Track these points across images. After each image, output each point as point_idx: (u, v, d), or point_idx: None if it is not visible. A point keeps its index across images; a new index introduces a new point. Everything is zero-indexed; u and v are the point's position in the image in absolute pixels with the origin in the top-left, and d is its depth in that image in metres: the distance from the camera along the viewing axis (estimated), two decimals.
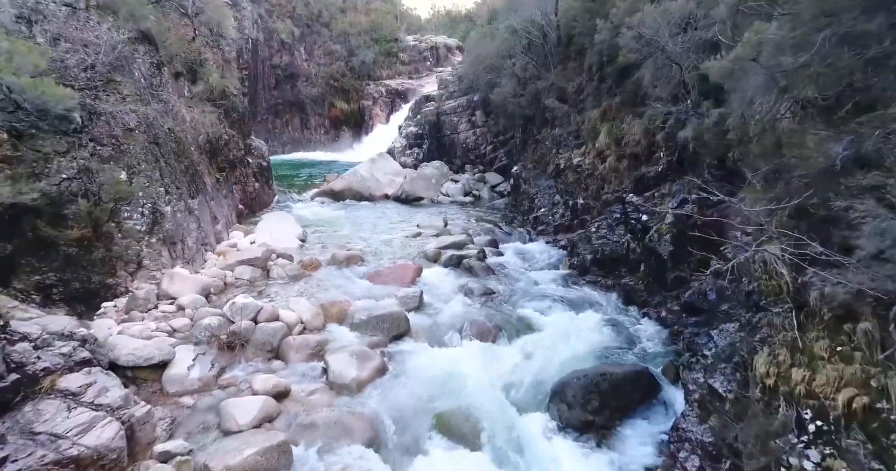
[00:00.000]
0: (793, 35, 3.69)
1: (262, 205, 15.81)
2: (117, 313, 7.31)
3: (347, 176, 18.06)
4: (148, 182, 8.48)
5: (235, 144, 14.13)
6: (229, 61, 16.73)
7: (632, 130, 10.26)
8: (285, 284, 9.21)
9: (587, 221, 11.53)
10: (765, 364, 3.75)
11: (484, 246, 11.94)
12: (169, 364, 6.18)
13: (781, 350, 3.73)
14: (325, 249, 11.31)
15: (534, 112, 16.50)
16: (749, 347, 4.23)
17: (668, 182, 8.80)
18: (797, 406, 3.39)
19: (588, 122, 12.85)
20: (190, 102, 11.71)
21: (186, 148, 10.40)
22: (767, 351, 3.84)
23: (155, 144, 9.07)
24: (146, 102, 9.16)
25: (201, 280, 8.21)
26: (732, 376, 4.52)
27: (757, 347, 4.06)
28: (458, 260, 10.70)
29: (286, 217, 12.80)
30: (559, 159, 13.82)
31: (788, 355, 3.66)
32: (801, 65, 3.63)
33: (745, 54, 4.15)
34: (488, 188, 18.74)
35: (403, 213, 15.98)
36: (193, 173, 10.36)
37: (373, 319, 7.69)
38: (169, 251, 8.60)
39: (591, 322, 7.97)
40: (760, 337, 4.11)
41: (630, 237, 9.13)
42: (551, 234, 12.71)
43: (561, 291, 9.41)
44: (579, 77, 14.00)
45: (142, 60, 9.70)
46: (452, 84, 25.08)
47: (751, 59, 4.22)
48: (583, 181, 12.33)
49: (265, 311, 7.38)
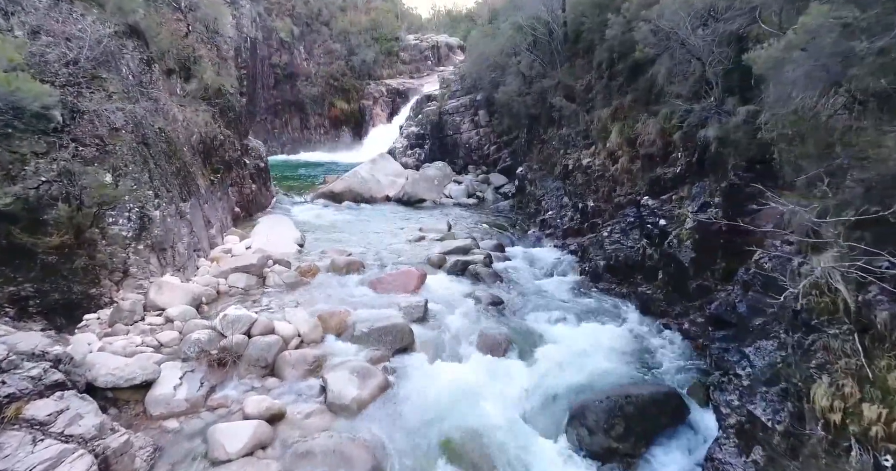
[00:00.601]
0: (864, 16, 3.20)
1: (259, 207, 15.31)
2: (100, 326, 6.81)
3: (347, 177, 17.57)
4: (135, 185, 7.98)
5: (231, 145, 13.63)
6: (226, 59, 16.23)
7: (646, 129, 9.75)
8: (282, 293, 8.71)
9: (598, 224, 11.03)
10: (827, 396, 3.27)
11: (490, 251, 11.44)
12: (153, 384, 5.68)
13: (846, 381, 3.24)
14: (324, 254, 10.81)
15: (539, 111, 16.00)
16: (803, 373, 3.74)
17: (687, 184, 8.30)
18: (874, 451, 2.91)
19: (598, 121, 12.34)
20: (182, 101, 11.21)
21: (178, 149, 9.90)
22: (828, 381, 3.35)
23: (144, 144, 8.57)
24: (134, 100, 8.66)
25: (192, 289, 7.71)
26: (780, 404, 4.02)
27: (814, 375, 3.57)
28: (464, 266, 10.20)
29: (284, 221, 12.30)
30: (567, 160, 13.32)
31: (856, 386, 3.18)
32: (877, 51, 3.13)
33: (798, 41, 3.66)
34: (492, 190, 18.25)
35: (405, 215, 15.48)
36: (186, 175, 9.86)
37: (374, 332, 7.19)
38: (158, 258, 8.11)
39: (608, 334, 7.46)
40: (817, 363, 3.62)
41: (646, 243, 8.63)
42: (560, 237, 12.21)
43: (573, 299, 8.91)
44: (588, 75, 13.50)
45: (130, 56, 9.21)
46: (455, 83, 24.59)
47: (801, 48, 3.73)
48: (593, 183, 11.83)
49: (259, 323, 6.87)
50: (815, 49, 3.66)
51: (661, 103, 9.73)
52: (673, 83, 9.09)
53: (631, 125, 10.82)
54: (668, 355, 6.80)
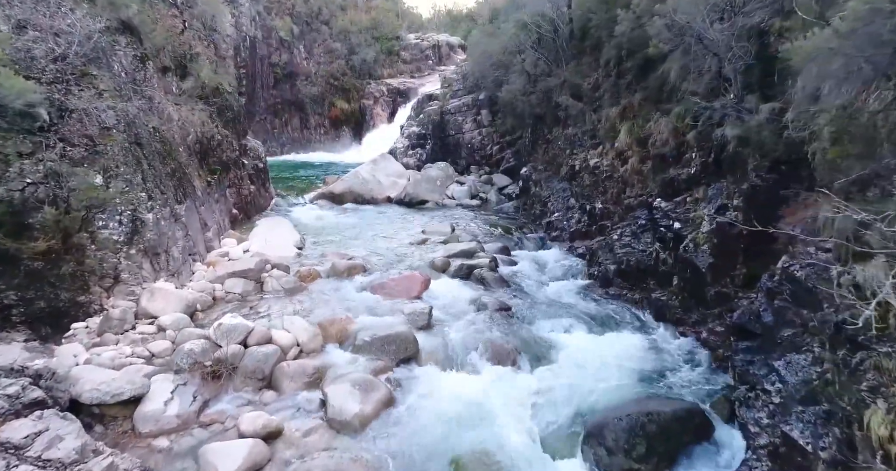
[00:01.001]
0: None
1: (258, 209, 14.97)
2: (88, 335, 6.47)
3: (348, 178, 17.23)
4: (127, 187, 7.65)
5: (229, 145, 13.29)
6: (224, 57, 15.91)
7: (658, 128, 9.40)
8: (280, 299, 8.37)
9: (607, 227, 10.69)
10: (885, 424, 2.94)
11: (495, 254, 11.09)
12: (143, 399, 5.34)
13: None
14: (324, 257, 10.47)
15: (545, 110, 15.65)
16: (851, 396, 3.41)
17: (703, 186, 7.96)
18: None
19: (606, 120, 12.00)
20: (178, 100, 10.88)
21: (173, 149, 9.57)
22: (885, 407, 3.02)
23: (136, 144, 8.24)
24: (127, 99, 8.33)
25: (186, 296, 7.37)
26: (823, 427, 3.69)
27: (866, 399, 3.24)
28: (469, 270, 9.86)
29: (283, 223, 11.96)
30: (574, 160, 12.98)
31: None
32: None
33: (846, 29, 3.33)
34: (495, 190, 17.90)
35: (407, 217, 15.14)
36: (181, 176, 9.52)
37: (377, 341, 6.85)
38: (151, 263, 7.77)
39: (622, 343, 7.12)
40: (868, 385, 3.29)
41: (659, 246, 8.29)
42: (567, 240, 11.87)
43: (583, 305, 8.57)
44: (595, 73, 13.15)
45: (123, 53, 8.87)
46: (457, 82, 24.24)
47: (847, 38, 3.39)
48: (601, 184, 11.49)
49: (256, 333, 6.53)
50: (862, 39, 3.33)
51: (673, 102, 9.39)
52: (687, 81, 8.76)
53: (641, 124, 10.48)
54: (686, 366, 6.46)
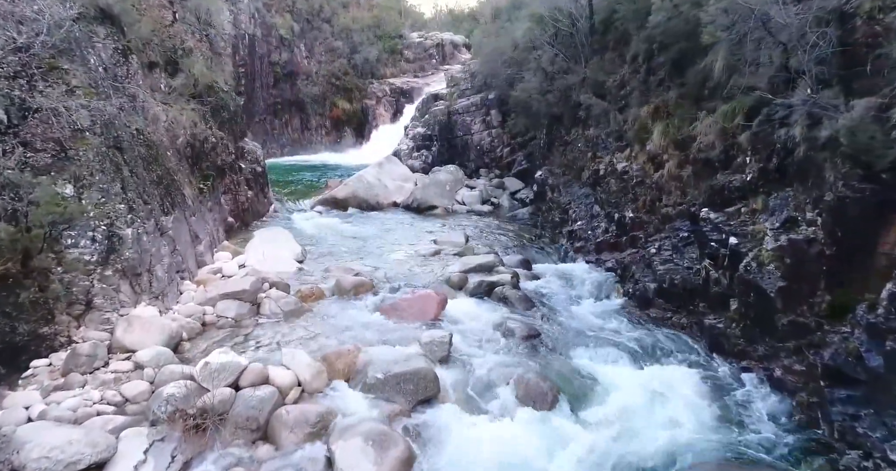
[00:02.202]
0: None
1: (256, 215, 13.99)
2: (51, 375, 5.48)
3: (352, 182, 16.25)
4: (103, 197, 6.66)
5: (224, 148, 12.30)
6: (220, 54, 14.97)
7: (701, 129, 8.41)
8: (279, 324, 7.38)
9: (640, 238, 9.68)
10: None
11: (516, 268, 10.10)
12: (107, 464, 4.35)
13: None
14: (328, 273, 9.48)
15: (562, 110, 14.64)
16: None
17: (761, 195, 6.94)
18: None
19: (634, 121, 11.00)
20: (167, 98, 9.89)
21: (160, 153, 8.58)
22: None
23: (116, 148, 7.25)
24: (105, 97, 7.34)
25: (169, 326, 6.36)
26: None
27: None
28: (490, 287, 8.86)
29: (282, 233, 10.97)
30: (597, 164, 11.97)
31: None
32: None
33: None
34: (508, 195, 16.91)
35: (416, 224, 14.15)
36: (169, 184, 8.54)
37: (392, 379, 5.85)
38: (131, 285, 6.78)
39: (676, 380, 6.12)
40: None
41: (709, 264, 7.29)
42: (593, 252, 10.86)
43: (622, 330, 7.57)
44: (621, 69, 12.14)
45: (102, 45, 7.89)
46: (464, 81, 23.25)
47: None
48: (630, 190, 10.48)
49: (250, 372, 5.53)
50: None
51: (717, 99, 8.40)
52: (736, 75, 7.77)
53: (677, 125, 9.48)
54: (759, 413, 5.46)
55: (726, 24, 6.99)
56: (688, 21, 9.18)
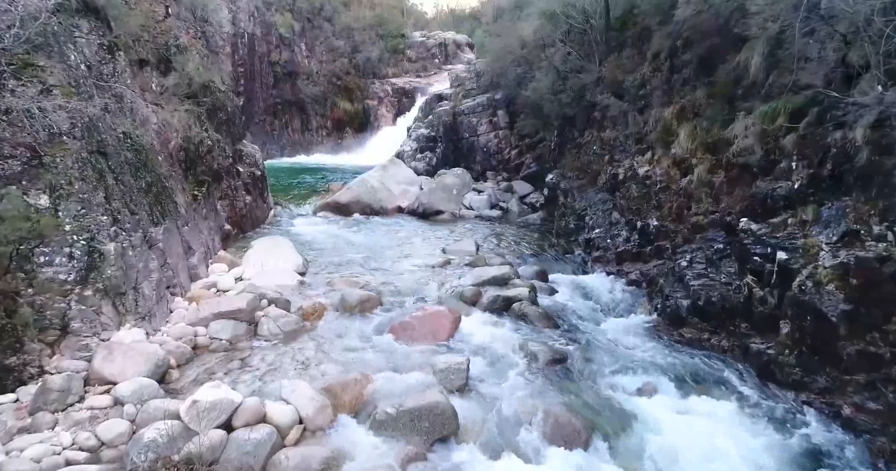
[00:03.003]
0: None
1: (255, 222, 13.33)
2: (17, 413, 4.82)
3: (355, 186, 15.58)
4: (84, 209, 6.00)
5: (221, 151, 11.64)
6: (217, 52, 14.32)
7: (738, 131, 7.73)
8: (278, 346, 6.71)
9: (666, 249, 9.01)
10: None
11: (532, 280, 9.42)
12: None
13: None
14: (331, 286, 8.81)
15: (575, 111, 13.98)
16: None
17: (812, 204, 6.27)
18: None
19: (656, 122, 10.34)
20: (159, 99, 9.23)
21: (150, 158, 7.91)
22: None
23: (99, 153, 6.59)
24: (87, 97, 6.68)
25: (155, 352, 5.69)
26: None
27: None
28: (506, 303, 8.18)
29: (282, 243, 10.29)
30: (616, 168, 11.30)
31: None
32: None
33: None
34: (517, 200, 16.23)
35: (423, 231, 13.47)
36: (159, 192, 7.87)
37: (405, 415, 5.18)
38: (114, 305, 6.11)
39: (725, 415, 5.44)
40: None
41: (752, 280, 6.61)
42: (613, 263, 10.18)
43: (655, 353, 6.89)
44: (640, 67, 11.48)
45: (85, 40, 7.22)
46: (470, 81, 22.57)
47: None
48: (653, 197, 9.80)
49: (245, 410, 4.87)
50: None
51: (755, 98, 7.75)
52: (779, 71, 7.12)
53: (706, 126, 8.82)
54: (828, 458, 4.78)
55: (776, 14, 6.31)
56: (719, 15, 8.56)
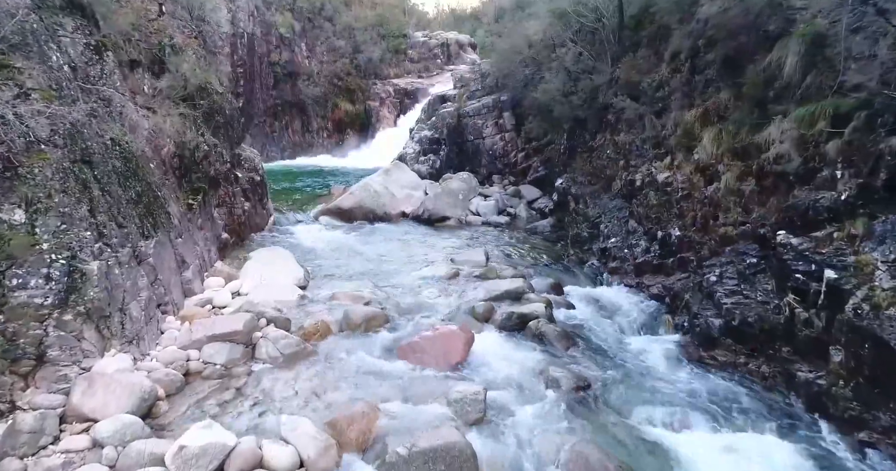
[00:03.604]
0: None
1: (254, 229, 12.78)
2: None
3: (358, 191, 15.04)
4: (64, 224, 5.47)
5: (219, 156, 11.09)
6: (214, 52, 13.79)
7: (771, 136, 7.20)
8: (278, 371, 6.17)
9: (690, 261, 8.47)
10: None
11: (546, 293, 8.90)
12: None
13: None
14: (334, 301, 8.28)
15: (587, 113, 13.45)
16: None
17: (862, 217, 5.75)
18: None
19: (676, 125, 9.81)
20: (151, 102, 8.70)
21: (141, 166, 7.39)
22: None
23: (83, 163, 6.07)
24: (71, 100, 6.16)
25: (140, 384, 5.15)
26: None
27: None
28: (521, 321, 7.65)
29: (282, 254, 9.76)
30: (633, 174, 10.76)
31: None
32: None
33: None
34: (525, 205, 15.68)
35: (428, 238, 12.94)
36: (150, 202, 7.34)
37: (418, 456, 4.64)
38: (97, 329, 5.57)
39: (770, 453, 4.91)
40: None
41: (794, 300, 6.07)
42: (631, 274, 9.64)
43: (686, 379, 6.35)
44: (657, 68, 10.96)
45: (70, 40, 6.70)
46: (474, 82, 22.04)
47: None
48: (674, 205, 9.27)
49: (239, 454, 4.33)
50: None
51: (789, 101, 7.24)
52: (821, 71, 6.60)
53: (731, 130, 8.30)
54: None
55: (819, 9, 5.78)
56: (748, 11, 8.03)
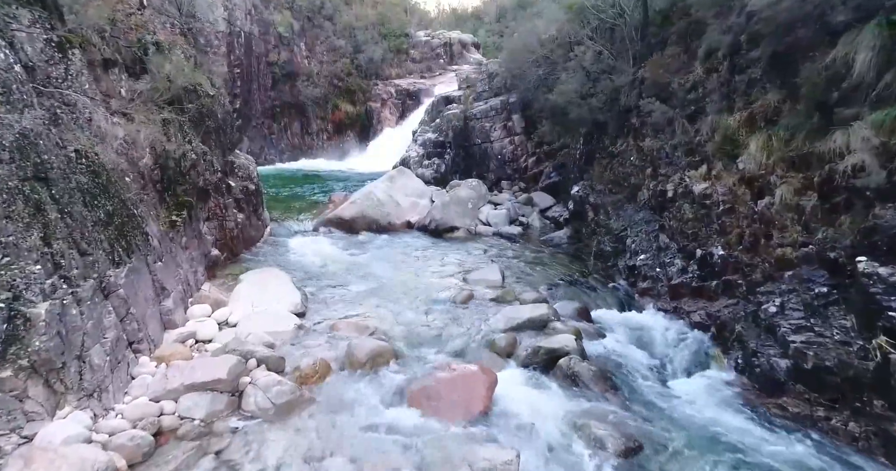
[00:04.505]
0: None
1: (248, 243, 11.83)
2: None
3: (360, 199, 14.06)
4: (7, 257, 4.50)
5: (209, 165, 10.12)
6: (205, 51, 12.80)
7: (840, 145, 6.23)
8: (267, 430, 5.18)
9: (739, 286, 7.49)
10: None
11: (573, 320, 7.92)
12: None
13: None
14: (335, 332, 7.29)
15: (607, 116, 12.47)
16: None
17: None
18: None
19: (713, 130, 8.84)
20: (129, 106, 7.72)
21: (113, 181, 6.42)
22: None
23: (37, 180, 5.11)
24: (23, 106, 5.19)
25: (92, 460, 4.16)
26: None
27: None
28: (550, 358, 6.66)
29: (277, 275, 8.76)
30: (663, 184, 9.78)
31: None
32: None
33: None
34: (538, 214, 14.71)
35: (437, 252, 11.96)
36: (124, 222, 6.37)
37: None
38: (47, 384, 4.60)
39: None
40: None
41: (887, 343, 5.09)
42: (666, 297, 8.66)
43: (752, 435, 5.36)
44: (689, 67, 9.97)
45: (26, 35, 5.72)
46: (481, 83, 21.05)
47: None
48: (714, 220, 8.29)
49: None
50: None
51: (855, 103, 6.29)
52: None
53: (783, 137, 7.33)
54: None
55: None
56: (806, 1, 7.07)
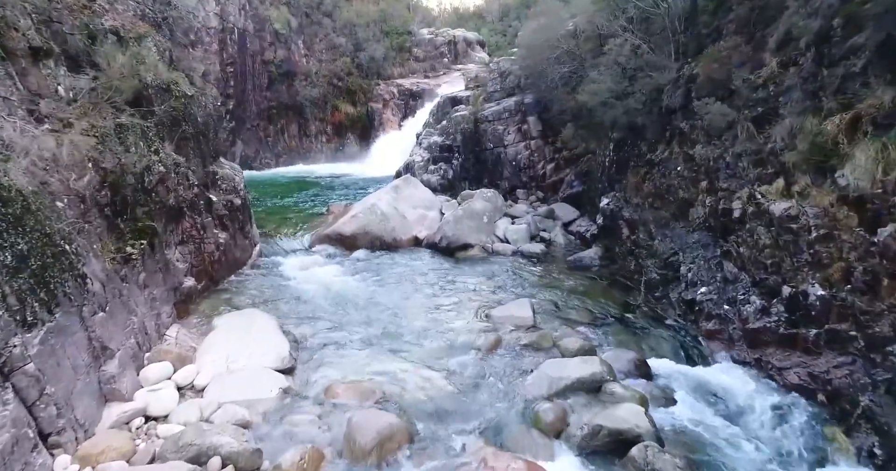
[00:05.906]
0: None
1: (232, 267, 10.22)
2: None
3: (362, 213, 12.42)
4: None
5: (182, 178, 8.52)
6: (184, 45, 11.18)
7: None
8: None
9: (852, 338, 5.83)
10: None
11: (632, 379, 6.28)
12: None
13: None
14: (330, 398, 5.65)
15: (645, 119, 10.83)
16: None
17: None
18: None
19: (793, 136, 7.20)
20: (67, 111, 6.08)
21: (34, 210, 4.79)
22: None
23: None
24: None
25: None
26: None
27: None
28: (614, 440, 5.01)
29: (259, 319, 7.08)
30: (727, 201, 8.13)
31: None
32: None
33: None
34: (561, 228, 13.07)
35: (450, 275, 10.31)
36: (47, 264, 4.74)
37: None
38: None
39: None
40: None
41: None
42: (741, 344, 7.01)
43: None
44: (756, 61, 8.34)
45: None
46: (492, 82, 19.40)
47: None
48: (805, 249, 6.64)
49: None
50: None
51: None
52: None
53: None
54: None
55: None
56: None
